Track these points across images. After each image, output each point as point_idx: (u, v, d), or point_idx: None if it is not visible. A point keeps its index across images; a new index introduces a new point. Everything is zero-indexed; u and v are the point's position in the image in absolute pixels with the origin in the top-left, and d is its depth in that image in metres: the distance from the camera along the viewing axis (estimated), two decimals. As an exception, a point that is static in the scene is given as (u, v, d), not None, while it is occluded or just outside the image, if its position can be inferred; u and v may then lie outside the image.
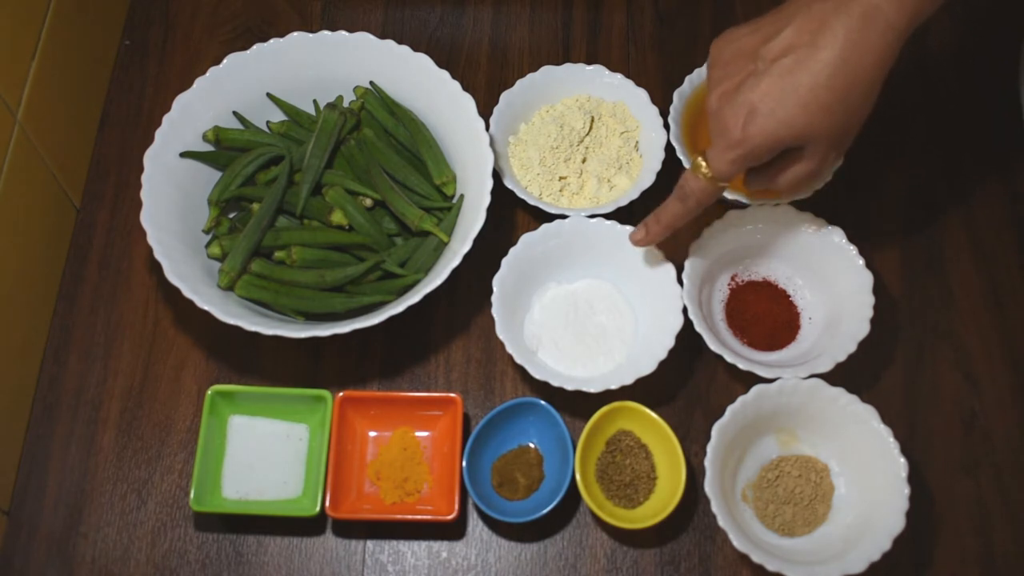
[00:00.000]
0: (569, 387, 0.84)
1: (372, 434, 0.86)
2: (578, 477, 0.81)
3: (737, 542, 0.76)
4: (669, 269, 0.88)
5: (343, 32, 0.95)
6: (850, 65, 0.70)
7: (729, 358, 0.84)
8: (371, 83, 0.96)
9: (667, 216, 0.82)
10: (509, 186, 0.94)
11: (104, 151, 1.00)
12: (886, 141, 1.00)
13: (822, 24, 0.70)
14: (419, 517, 0.82)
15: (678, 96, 0.96)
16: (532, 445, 0.86)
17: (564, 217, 0.91)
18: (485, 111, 0.94)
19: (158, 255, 0.84)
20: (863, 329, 0.85)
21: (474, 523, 0.85)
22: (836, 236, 0.88)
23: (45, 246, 0.92)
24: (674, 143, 0.93)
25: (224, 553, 0.83)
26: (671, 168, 0.95)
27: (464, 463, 0.82)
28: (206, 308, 0.82)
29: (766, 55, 0.73)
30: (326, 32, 0.95)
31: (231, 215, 0.93)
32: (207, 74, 0.92)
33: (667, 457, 0.83)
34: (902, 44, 0.71)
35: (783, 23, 0.73)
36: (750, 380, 0.83)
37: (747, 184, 0.82)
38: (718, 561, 0.83)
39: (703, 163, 0.77)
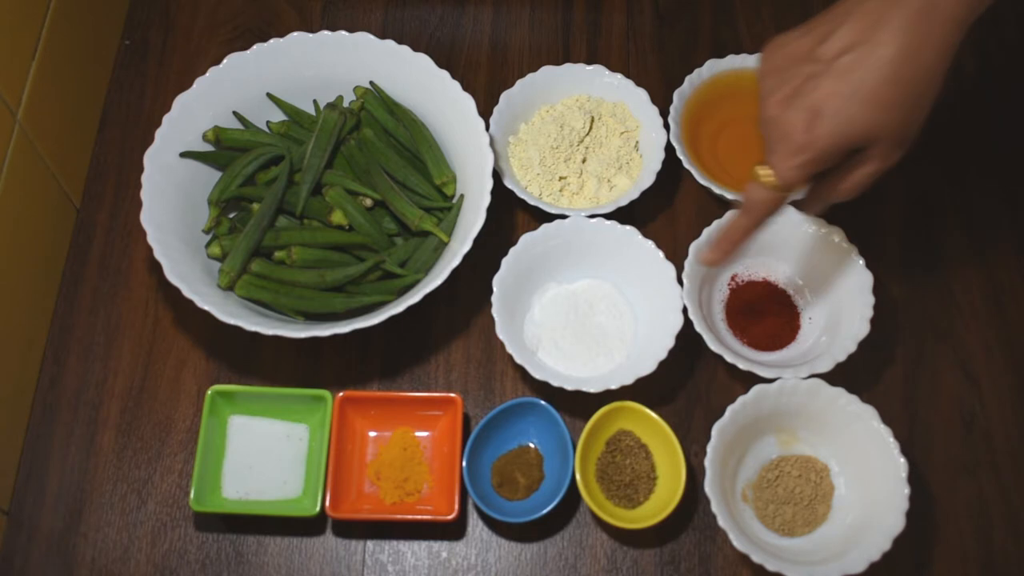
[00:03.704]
0: (569, 387, 0.84)
1: (372, 434, 0.86)
2: (578, 477, 0.81)
3: (737, 542, 0.76)
4: (669, 269, 0.88)
5: (343, 32, 0.95)
6: (912, 60, 0.68)
7: (729, 358, 0.84)
8: (371, 83, 0.96)
9: (735, 232, 0.79)
10: (509, 186, 0.94)
11: (104, 151, 1.00)
12: (886, 141, 1.00)
13: (879, 20, 0.68)
14: (419, 517, 0.82)
15: (678, 96, 0.97)
16: (532, 445, 0.86)
17: (564, 217, 0.91)
18: (485, 111, 0.94)
19: (158, 255, 0.84)
20: (863, 329, 0.85)
21: (474, 523, 0.85)
22: (836, 236, 0.88)
23: (45, 246, 0.92)
24: (674, 143, 0.93)
25: (224, 553, 0.83)
26: (671, 168, 0.95)
27: (464, 463, 0.82)
28: (206, 308, 0.82)
29: (823, 55, 0.70)
30: (326, 32, 0.95)
31: (231, 215, 0.93)
32: (207, 74, 0.92)
33: (667, 457, 0.83)
34: (963, 35, 0.69)
35: (837, 22, 0.71)
36: (750, 380, 0.83)
37: (808, 204, 0.78)
38: (718, 561, 0.83)
39: (766, 172, 0.73)
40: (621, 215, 0.91)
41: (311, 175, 0.92)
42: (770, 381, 0.82)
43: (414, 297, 0.84)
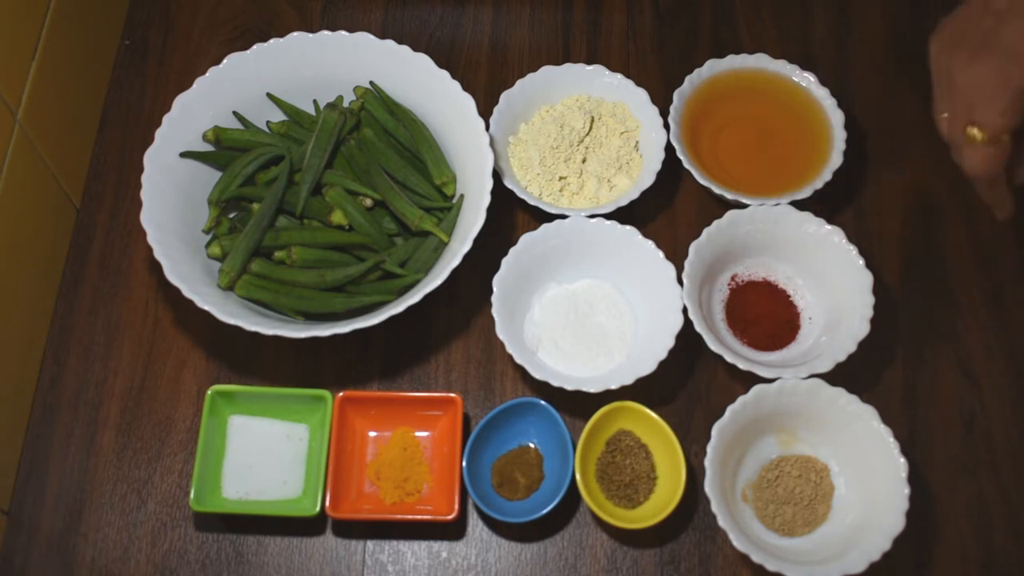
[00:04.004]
0: (569, 387, 0.84)
1: (372, 434, 0.86)
2: (578, 477, 0.81)
3: (737, 542, 0.76)
4: (669, 269, 0.88)
5: (343, 32, 0.95)
6: None
7: (729, 358, 0.84)
8: (371, 83, 0.96)
9: (993, 196, 0.78)
10: (509, 186, 0.94)
11: (104, 151, 1.00)
12: (886, 140, 1.00)
13: None
14: (419, 517, 0.82)
15: (678, 96, 0.97)
16: (532, 445, 0.86)
17: (564, 217, 0.91)
18: (485, 111, 0.94)
19: (158, 255, 0.84)
20: (863, 329, 0.85)
21: (474, 523, 0.85)
22: (836, 236, 0.88)
23: (45, 246, 0.92)
24: (674, 143, 0.93)
25: (224, 553, 0.83)
26: (671, 168, 0.95)
27: (464, 463, 0.82)
28: (206, 308, 0.82)
29: (997, 6, 0.71)
30: (326, 32, 0.95)
31: (231, 215, 0.93)
32: (207, 74, 0.92)
33: (667, 457, 0.83)
34: None
35: None
36: (750, 380, 0.83)
37: (1017, 171, 0.77)
38: (718, 561, 0.83)
39: (974, 130, 0.73)
40: (621, 215, 0.91)
41: (311, 175, 0.92)
42: (770, 381, 0.82)
43: (414, 297, 0.84)
